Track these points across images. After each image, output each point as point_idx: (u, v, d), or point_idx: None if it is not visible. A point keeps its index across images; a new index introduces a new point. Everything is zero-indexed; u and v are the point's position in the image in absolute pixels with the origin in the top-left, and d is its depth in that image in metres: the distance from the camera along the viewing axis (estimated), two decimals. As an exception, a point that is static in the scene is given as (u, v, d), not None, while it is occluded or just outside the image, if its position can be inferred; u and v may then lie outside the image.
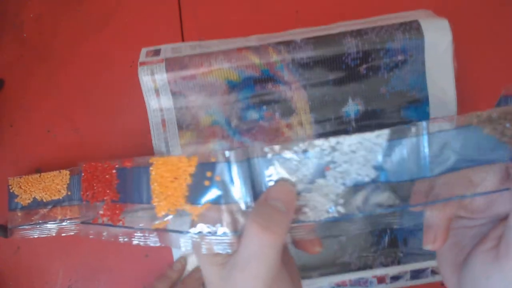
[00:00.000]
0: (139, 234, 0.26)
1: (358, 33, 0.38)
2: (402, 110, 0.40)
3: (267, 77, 0.39)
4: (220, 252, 0.23)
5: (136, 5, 0.43)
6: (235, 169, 0.22)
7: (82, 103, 0.43)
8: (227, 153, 0.22)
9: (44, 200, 0.40)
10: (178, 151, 0.40)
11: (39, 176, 0.40)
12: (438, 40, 0.38)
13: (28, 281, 0.42)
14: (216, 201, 0.23)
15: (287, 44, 0.38)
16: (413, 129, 0.23)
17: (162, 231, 0.25)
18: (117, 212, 0.26)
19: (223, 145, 0.40)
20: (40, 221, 0.39)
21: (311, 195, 0.23)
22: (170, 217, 0.24)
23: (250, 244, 0.21)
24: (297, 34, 0.40)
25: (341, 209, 0.23)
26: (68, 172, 0.39)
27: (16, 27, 0.44)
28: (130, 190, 0.26)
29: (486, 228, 0.25)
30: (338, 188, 0.23)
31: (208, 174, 0.23)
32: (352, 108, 0.40)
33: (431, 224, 0.24)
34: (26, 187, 0.40)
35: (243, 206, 0.23)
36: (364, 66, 0.39)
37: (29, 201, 0.40)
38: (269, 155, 0.23)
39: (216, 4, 0.44)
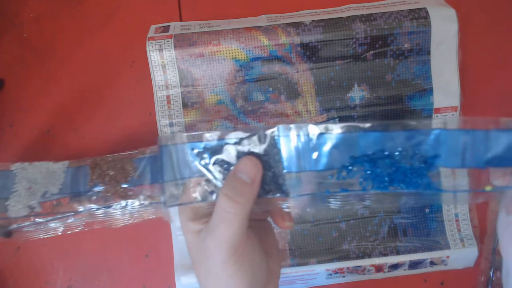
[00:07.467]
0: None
1: (367, 18, 0.38)
2: (406, 98, 0.40)
3: (275, 59, 0.39)
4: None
5: (136, 5, 0.44)
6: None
7: (82, 103, 0.43)
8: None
9: None
10: (182, 129, 0.40)
11: None
12: (444, 29, 0.38)
13: (28, 281, 0.41)
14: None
15: (296, 26, 0.39)
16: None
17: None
18: None
19: (227, 125, 0.40)
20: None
21: None
22: None
23: (219, 212, 0.25)
24: (307, 15, 0.40)
25: None
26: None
27: (16, 27, 0.44)
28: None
29: None
30: None
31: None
32: (357, 93, 0.40)
33: None
34: None
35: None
36: (371, 52, 0.39)
37: None
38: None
39: (217, 4, 0.44)
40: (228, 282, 0.25)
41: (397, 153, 0.25)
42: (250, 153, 0.26)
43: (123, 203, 0.34)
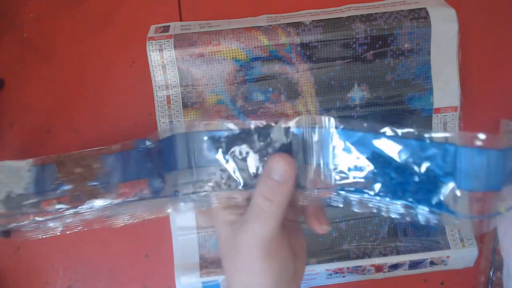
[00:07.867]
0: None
1: (367, 18, 0.38)
2: (406, 98, 0.40)
3: (275, 59, 0.39)
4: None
5: (136, 5, 0.44)
6: None
7: (82, 103, 0.43)
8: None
9: None
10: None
11: None
12: (444, 29, 0.38)
13: (28, 281, 0.41)
14: None
15: (297, 26, 0.39)
16: None
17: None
18: None
19: (227, 125, 0.40)
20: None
21: None
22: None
23: (255, 210, 0.25)
24: (307, 15, 0.40)
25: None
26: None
27: (16, 27, 0.44)
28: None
29: None
30: None
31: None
32: (357, 93, 0.40)
33: None
34: None
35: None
36: (371, 52, 0.39)
37: None
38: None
39: (217, 4, 0.44)
40: (258, 277, 0.25)
41: (408, 163, 0.24)
42: (279, 148, 0.26)
43: (92, 201, 0.33)
